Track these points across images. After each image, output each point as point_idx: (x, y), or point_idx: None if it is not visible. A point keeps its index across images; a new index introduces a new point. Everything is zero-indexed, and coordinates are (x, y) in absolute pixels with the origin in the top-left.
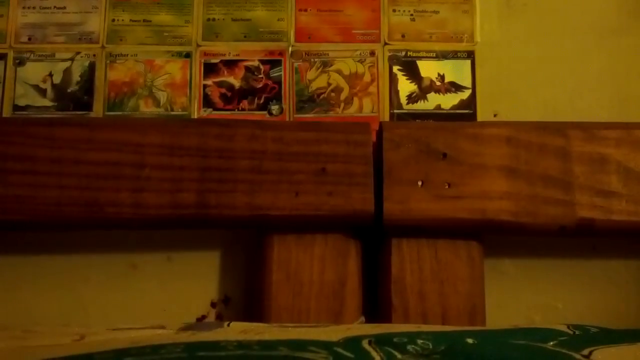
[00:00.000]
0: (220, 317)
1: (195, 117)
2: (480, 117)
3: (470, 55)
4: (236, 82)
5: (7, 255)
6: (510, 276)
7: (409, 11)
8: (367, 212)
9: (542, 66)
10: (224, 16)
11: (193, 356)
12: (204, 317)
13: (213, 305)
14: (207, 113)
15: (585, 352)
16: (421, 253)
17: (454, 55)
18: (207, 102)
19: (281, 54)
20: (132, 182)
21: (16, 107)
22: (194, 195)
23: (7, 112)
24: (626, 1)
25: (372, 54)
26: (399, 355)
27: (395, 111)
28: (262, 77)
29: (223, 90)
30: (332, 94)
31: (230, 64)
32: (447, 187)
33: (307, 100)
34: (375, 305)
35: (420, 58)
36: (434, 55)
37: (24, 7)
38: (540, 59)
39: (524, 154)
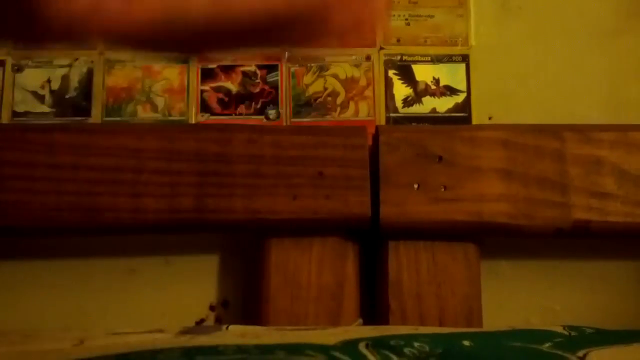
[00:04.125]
0: (219, 321)
1: (193, 122)
2: (475, 120)
3: (465, 58)
4: (233, 87)
5: (7, 260)
6: (507, 278)
7: (404, 16)
8: (364, 216)
9: (537, 69)
10: None
11: None
12: (202, 320)
13: (212, 308)
14: (204, 118)
15: (581, 353)
16: (418, 255)
17: (448, 59)
18: (204, 107)
19: (278, 59)
20: (131, 187)
21: (15, 114)
22: (192, 199)
23: (6, 119)
24: (622, 3)
25: (368, 58)
26: (395, 359)
27: (391, 115)
28: (259, 82)
29: (220, 96)
30: (329, 99)
31: (228, 69)
32: (443, 189)
33: (303, 105)
34: (373, 307)
35: (415, 62)
36: (429, 59)
37: None
38: (536, 61)
39: (519, 157)
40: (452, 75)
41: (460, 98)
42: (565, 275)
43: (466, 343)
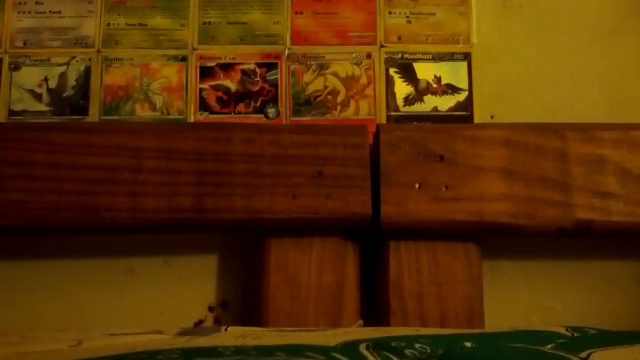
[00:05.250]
0: (218, 321)
1: (192, 120)
2: (477, 119)
3: (466, 57)
4: (232, 86)
5: (5, 260)
6: (509, 278)
7: (405, 13)
8: (365, 215)
9: (539, 67)
10: (219, 19)
11: None
12: (201, 321)
13: (211, 309)
14: (203, 117)
15: (584, 354)
16: (419, 255)
17: (450, 57)
18: (203, 105)
19: (277, 57)
20: (129, 187)
21: (12, 112)
22: (191, 199)
23: (2, 117)
24: (623, 2)
25: (369, 56)
26: None
27: (392, 113)
28: (258, 80)
29: (219, 94)
30: (329, 97)
31: (227, 68)
32: (444, 189)
33: (303, 103)
34: (374, 308)
35: (416, 60)
36: (431, 57)
37: (19, 12)
38: (537, 60)
39: (521, 156)
40: (453, 73)
41: (462, 96)
42: (567, 275)
43: (467, 344)
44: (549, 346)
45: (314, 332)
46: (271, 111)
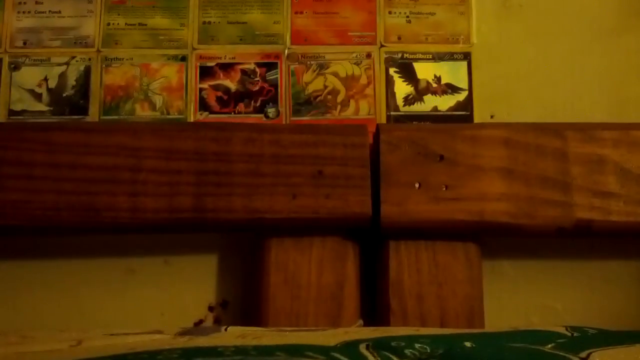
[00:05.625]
0: (218, 321)
1: (192, 120)
2: (477, 118)
3: (466, 56)
4: (232, 85)
5: (5, 260)
6: (509, 278)
7: (405, 13)
8: (365, 215)
9: (539, 67)
10: (219, 19)
11: None
12: (201, 321)
13: (211, 309)
14: (203, 116)
15: (584, 354)
16: (419, 255)
17: (450, 56)
18: (203, 105)
19: (277, 56)
20: (129, 187)
21: (11, 112)
22: (191, 199)
23: (2, 117)
24: (623, 2)
25: (369, 56)
26: None
27: (392, 113)
28: (258, 80)
29: (219, 94)
30: (329, 97)
31: (226, 67)
32: (444, 189)
33: (303, 103)
34: (374, 308)
35: (416, 60)
36: (430, 57)
37: (19, 12)
38: (537, 60)
39: (521, 156)
40: (453, 73)
41: (461, 96)
42: (567, 274)
43: (467, 344)
44: (549, 346)
45: (314, 332)
46: (271, 111)
